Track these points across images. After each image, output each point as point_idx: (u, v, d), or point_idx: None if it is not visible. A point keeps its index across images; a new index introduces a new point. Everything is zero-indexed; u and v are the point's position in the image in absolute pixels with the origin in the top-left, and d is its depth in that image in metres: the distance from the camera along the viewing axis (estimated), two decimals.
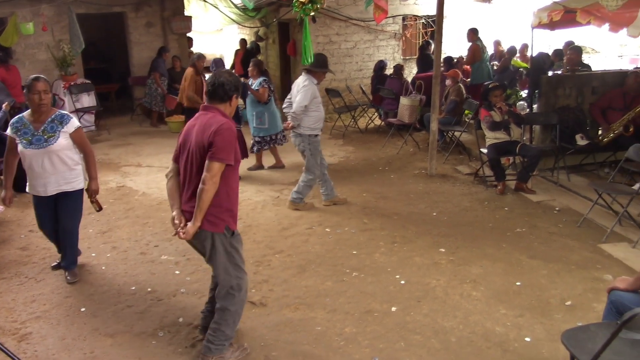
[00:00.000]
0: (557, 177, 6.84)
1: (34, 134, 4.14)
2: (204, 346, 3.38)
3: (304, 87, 5.78)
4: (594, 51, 15.37)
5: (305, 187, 6.05)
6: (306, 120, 5.81)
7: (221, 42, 18.17)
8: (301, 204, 6.10)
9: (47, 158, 4.17)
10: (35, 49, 10.25)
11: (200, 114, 3.24)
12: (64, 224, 4.41)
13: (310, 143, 5.89)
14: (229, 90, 3.20)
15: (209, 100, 3.24)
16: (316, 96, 5.85)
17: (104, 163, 8.24)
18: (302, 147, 5.94)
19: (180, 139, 3.30)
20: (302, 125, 5.83)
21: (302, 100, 5.73)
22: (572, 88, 7.27)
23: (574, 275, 4.44)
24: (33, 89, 4.05)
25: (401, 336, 3.66)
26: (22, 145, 4.14)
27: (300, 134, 5.89)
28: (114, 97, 12.84)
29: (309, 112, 5.80)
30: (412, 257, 4.83)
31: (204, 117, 3.18)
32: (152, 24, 11.51)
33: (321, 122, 5.98)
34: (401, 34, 12.34)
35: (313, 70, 5.90)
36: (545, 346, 3.50)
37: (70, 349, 3.58)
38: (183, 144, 3.24)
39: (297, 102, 5.76)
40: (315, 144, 5.93)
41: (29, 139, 4.13)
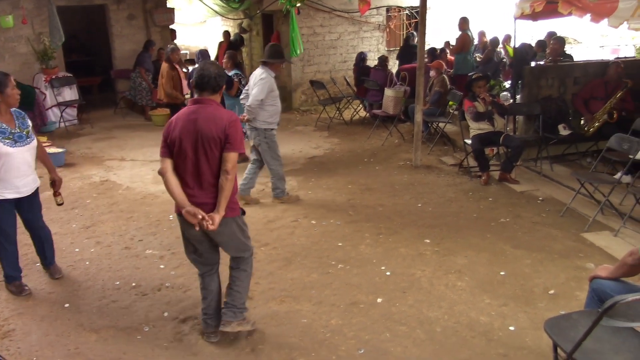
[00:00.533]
0: (540, 167, 6.90)
1: (13, 132, 3.91)
2: (226, 314, 3.49)
3: (261, 80, 5.62)
4: (576, 42, 15.50)
5: (278, 180, 5.99)
6: (262, 114, 5.68)
7: (205, 35, 18.00)
8: (285, 196, 6.06)
9: (29, 155, 4.03)
10: (15, 42, 10.07)
11: (196, 106, 3.22)
12: (38, 220, 4.31)
13: (267, 137, 5.79)
14: (220, 81, 3.25)
15: (201, 92, 3.23)
16: (273, 89, 5.71)
17: (87, 157, 8.16)
18: (257, 141, 5.82)
19: (174, 133, 3.20)
20: (257, 119, 5.70)
21: (258, 94, 5.58)
22: (554, 78, 7.32)
23: (557, 264, 4.49)
24: (11, 84, 3.86)
25: (387, 327, 3.68)
26: (8, 145, 3.84)
27: (256, 127, 5.77)
28: (97, 91, 12.69)
29: (265, 106, 5.66)
30: (398, 249, 4.85)
31: (205, 109, 3.19)
32: (134, 16, 11.38)
33: (277, 116, 5.85)
34: (385, 25, 12.33)
35: (269, 61, 5.71)
36: (529, 335, 3.54)
37: (54, 345, 3.55)
38: (185, 138, 3.16)
39: (253, 95, 5.61)
40: (271, 137, 5.82)
41: (10, 137, 3.88)
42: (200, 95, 3.25)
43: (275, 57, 5.75)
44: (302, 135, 9.38)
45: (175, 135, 3.19)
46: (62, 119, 9.83)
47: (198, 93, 3.26)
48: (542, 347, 3.39)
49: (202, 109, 3.20)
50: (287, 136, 8.92)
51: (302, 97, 11.76)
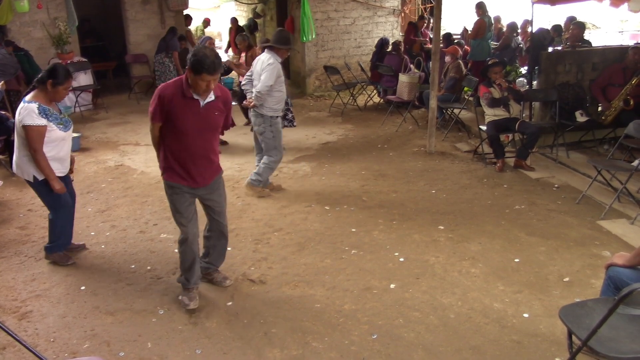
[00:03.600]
0: (556, 154, 6.82)
1: (61, 118, 4.16)
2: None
3: (269, 66, 5.45)
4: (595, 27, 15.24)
5: (266, 170, 5.77)
6: (269, 100, 5.54)
7: (218, 19, 17.96)
8: (259, 187, 5.83)
9: (69, 139, 4.33)
10: (30, 27, 10.12)
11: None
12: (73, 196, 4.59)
13: (272, 125, 5.64)
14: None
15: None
16: (280, 75, 5.57)
17: (101, 142, 8.21)
18: (262, 128, 5.66)
19: None
20: (264, 105, 5.55)
21: (267, 80, 5.43)
22: (572, 64, 7.22)
23: (572, 251, 4.45)
24: (68, 84, 4.09)
25: (400, 313, 3.68)
26: (60, 130, 4.11)
27: (262, 114, 5.61)
28: (112, 75, 12.74)
29: (272, 92, 5.53)
30: (411, 235, 4.84)
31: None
32: (148, 1, 11.36)
33: (282, 103, 5.73)
34: (400, 10, 12.20)
35: (276, 46, 5.55)
36: (543, 322, 3.53)
37: (70, 327, 3.61)
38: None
39: (262, 81, 5.44)
40: (277, 125, 5.67)
41: (61, 123, 4.14)
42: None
43: (283, 43, 5.58)
44: (315, 120, 9.36)
45: None
46: (77, 104, 9.90)
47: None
48: (557, 334, 3.37)
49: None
50: (301, 122, 8.89)
51: (316, 83, 11.71)
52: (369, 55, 11.14)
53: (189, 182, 3.62)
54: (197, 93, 3.43)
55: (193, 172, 3.60)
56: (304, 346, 3.36)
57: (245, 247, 4.68)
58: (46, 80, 3.97)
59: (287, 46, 5.62)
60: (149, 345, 3.40)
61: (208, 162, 3.66)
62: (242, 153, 7.52)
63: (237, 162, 7.05)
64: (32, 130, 3.92)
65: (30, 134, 3.93)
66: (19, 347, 3.26)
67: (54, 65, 4.07)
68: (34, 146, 3.96)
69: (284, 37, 5.65)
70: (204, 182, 3.67)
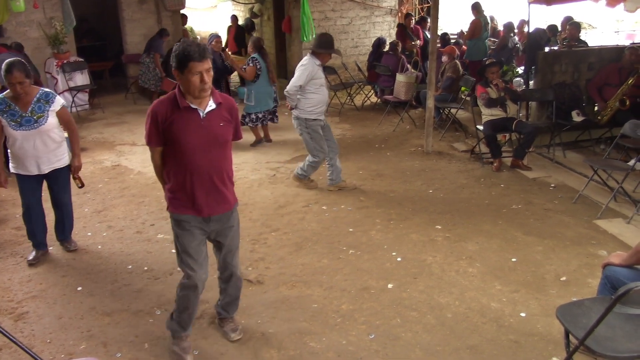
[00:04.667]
0: (553, 153, 6.83)
1: (22, 115, 4.10)
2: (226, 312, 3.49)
3: (301, 67, 5.54)
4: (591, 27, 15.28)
5: (310, 167, 5.87)
6: (303, 102, 5.56)
7: (215, 19, 17.94)
8: (304, 180, 6.00)
9: (39, 138, 4.18)
10: (26, 26, 10.08)
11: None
12: (61, 197, 4.54)
13: (308, 127, 5.64)
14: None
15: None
16: (315, 77, 5.55)
17: (98, 142, 8.19)
18: (299, 130, 5.74)
19: None
20: (299, 107, 5.60)
21: (297, 80, 5.50)
22: (568, 64, 7.23)
23: (569, 251, 4.46)
24: (9, 80, 3.97)
25: (397, 312, 3.68)
26: (12, 128, 4.09)
27: (297, 116, 5.66)
28: (108, 75, 12.70)
29: (306, 94, 5.54)
30: (409, 234, 4.84)
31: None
32: (145, 1, 11.33)
33: (322, 106, 5.67)
34: (397, 10, 12.20)
35: (316, 51, 5.60)
36: (540, 321, 3.53)
37: (67, 328, 3.60)
38: None
39: (292, 81, 5.54)
40: (314, 127, 5.64)
41: (17, 120, 4.09)
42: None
43: (323, 47, 5.58)
44: None
45: None
46: (74, 104, 9.86)
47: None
48: (554, 333, 3.38)
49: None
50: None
51: None
52: (366, 55, 11.14)
53: (195, 211, 3.04)
54: (194, 97, 2.89)
55: (199, 199, 3.01)
56: (302, 346, 3.36)
57: (242, 247, 4.63)
58: None
59: (327, 50, 5.61)
60: (146, 346, 3.39)
61: (216, 186, 3.06)
62: (239, 154, 7.51)
63: (234, 162, 7.01)
64: None
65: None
66: (15, 348, 3.24)
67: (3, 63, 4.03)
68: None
69: (324, 41, 5.64)
70: (211, 210, 3.05)
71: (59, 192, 4.51)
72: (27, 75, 4.04)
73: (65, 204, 4.59)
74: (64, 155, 4.42)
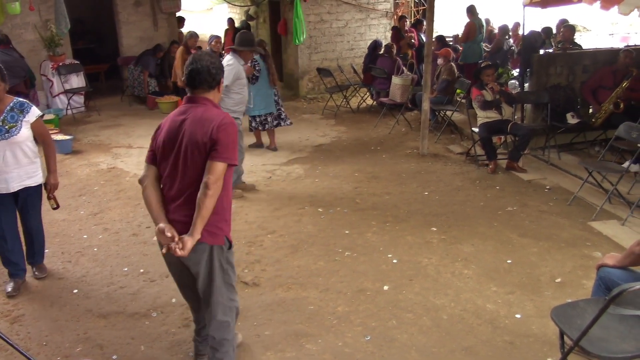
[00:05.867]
0: (548, 155, 6.87)
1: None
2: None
3: (228, 67, 5.40)
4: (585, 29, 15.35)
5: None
6: (227, 101, 5.51)
7: (211, 22, 17.94)
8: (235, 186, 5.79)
9: (9, 150, 3.79)
10: (22, 29, 10.07)
11: (186, 106, 2.76)
12: (32, 222, 4.11)
13: None
14: (215, 74, 2.75)
15: (194, 89, 2.74)
16: (240, 77, 5.58)
17: (94, 144, 8.18)
18: None
19: (161, 135, 2.74)
20: (222, 106, 5.45)
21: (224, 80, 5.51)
22: (563, 67, 7.27)
23: (564, 252, 4.48)
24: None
25: (393, 314, 3.69)
26: None
27: None
28: (104, 78, 12.68)
29: (230, 94, 5.52)
30: (404, 236, 4.86)
31: (195, 110, 2.70)
32: (140, 3, 11.34)
33: (243, 106, 5.72)
34: (393, 12, 12.24)
35: (238, 49, 5.62)
36: (535, 322, 3.55)
37: (63, 330, 3.59)
38: (167, 142, 2.70)
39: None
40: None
41: None
42: (195, 92, 2.75)
43: (245, 45, 5.68)
44: (308, 123, 9.36)
45: (160, 138, 2.75)
46: (69, 106, 9.86)
47: (191, 90, 2.76)
48: (549, 334, 3.39)
49: (193, 109, 2.71)
50: (294, 124, 8.89)
51: (309, 85, 11.72)
52: (362, 57, 11.16)
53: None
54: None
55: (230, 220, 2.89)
56: (298, 348, 3.37)
57: (238, 250, 4.67)
58: None
59: (248, 48, 5.70)
60: (142, 349, 3.39)
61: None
62: None
63: None
64: None
65: None
66: (11, 350, 3.23)
67: None
68: None
69: (245, 39, 5.75)
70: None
71: (32, 216, 4.07)
72: (2, 79, 3.70)
73: (37, 228, 4.14)
74: (37, 173, 3.99)
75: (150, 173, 2.77)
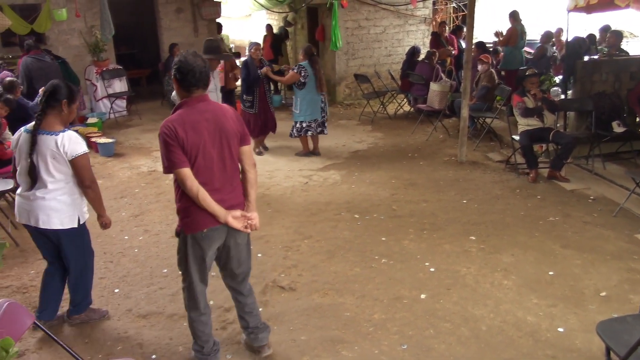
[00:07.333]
0: (592, 165, 6.66)
1: None
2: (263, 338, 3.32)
3: None
4: (632, 35, 14.89)
5: None
6: None
7: (250, 28, 18.15)
8: None
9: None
10: (68, 34, 10.42)
11: (199, 104, 2.88)
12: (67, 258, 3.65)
13: None
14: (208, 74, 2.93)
15: (196, 89, 2.87)
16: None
17: (135, 147, 8.37)
18: None
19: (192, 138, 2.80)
20: None
21: None
22: (609, 73, 7.07)
23: (609, 265, 4.34)
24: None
25: (430, 323, 3.64)
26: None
27: None
28: (145, 83, 12.98)
29: None
30: (442, 245, 4.79)
31: (210, 106, 2.91)
32: (182, 10, 11.59)
33: None
34: (431, 18, 12.14)
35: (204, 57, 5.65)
36: (579, 337, 3.44)
37: (105, 329, 3.67)
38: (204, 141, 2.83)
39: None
40: None
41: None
42: (194, 92, 2.87)
43: (210, 53, 5.69)
44: (345, 129, 9.36)
45: (198, 139, 2.82)
46: (112, 110, 10.12)
47: (191, 91, 2.87)
48: (593, 350, 3.29)
49: (211, 105, 2.92)
50: (330, 130, 8.87)
51: (346, 91, 11.72)
52: (400, 63, 11.10)
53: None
54: None
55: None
56: (334, 355, 3.35)
57: (275, 254, 4.70)
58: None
59: (214, 56, 5.73)
60: (180, 350, 3.44)
61: None
62: (271, 162, 7.58)
63: (267, 170, 7.09)
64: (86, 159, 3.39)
65: (83, 163, 3.36)
66: (55, 346, 3.33)
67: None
68: (91, 176, 3.42)
69: (209, 46, 5.80)
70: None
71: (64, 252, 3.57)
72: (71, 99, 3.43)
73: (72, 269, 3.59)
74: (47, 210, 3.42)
75: (191, 175, 2.85)
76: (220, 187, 2.94)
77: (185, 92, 2.89)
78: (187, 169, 2.83)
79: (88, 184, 3.38)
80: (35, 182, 3.30)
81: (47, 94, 3.32)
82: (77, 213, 3.43)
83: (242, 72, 7.69)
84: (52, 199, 3.32)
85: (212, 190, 2.90)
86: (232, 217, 2.92)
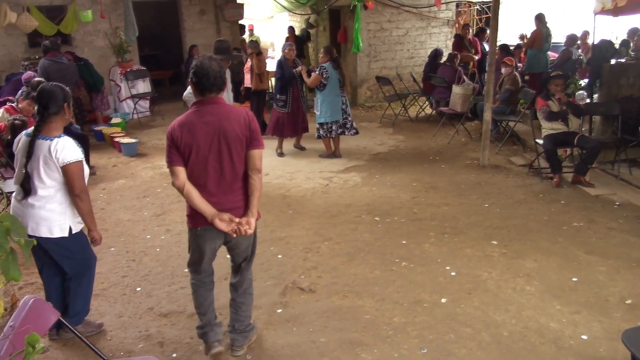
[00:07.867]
0: (617, 170, 6.54)
1: None
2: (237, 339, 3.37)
3: None
4: None
5: None
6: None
7: (272, 30, 18.24)
8: None
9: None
10: (93, 35, 10.59)
11: (208, 107, 2.97)
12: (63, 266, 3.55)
13: None
14: (223, 78, 3.02)
15: (210, 92, 2.96)
16: None
17: (158, 148, 8.46)
18: None
19: (186, 139, 2.94)
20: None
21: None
22: (636, 77, 6.94)
23: (635, 272, 4.25)
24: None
25: (451, 328, 3.61)
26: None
27: None
28: (168, 84, 13.12)
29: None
30: (463, 249, 4.75)
31: (220, 109, 2.98)
32: (205, 12, 11.69)
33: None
34: (454, 20, 12.07)
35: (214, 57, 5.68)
36: (603, 345, 3.38)
37: (126, 327, 3.72)
38: (198, 143, 2.93)
39: (188, 89, 5.33)
40: None
41: None
42: (208, 95, 2.98)
43: (220, 53, 5.75)
44: (366, 131, 9.33)
45: (191, 140, 2.93)
46: (135, 111, 10.25)
47: (205, 94, 2.97)
48: (618, 358, 3.23)
49: (219, 108, 2.98)
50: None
51: (368, 93, 11.70)
52: (422, 66, 11.06)
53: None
54: None
55: None
56: (353, 357, 3.34)
57: (295, 255, 4.71)
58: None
59: (224, 56, 5.76)
60: (201, 349, 3.46)
61: None
62: (292, 163, 7.60)
63: (288, 171, 7.11)
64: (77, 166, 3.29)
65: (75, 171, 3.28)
66: (78, 343, 3.38)
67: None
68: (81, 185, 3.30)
69: (219, 47, 5.87)
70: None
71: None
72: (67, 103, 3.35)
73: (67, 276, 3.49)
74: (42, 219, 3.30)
75: (183, 174, 3.00)
76: (215, 190, 3.01)
77: (200, 95, 3.01)
78: (179, 167, 2.99)
79: (77, 193, 3.25)
80: (27, 194, 3.24)
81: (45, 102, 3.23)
82: (68, 222, 3.32)
83: (276, 72, 7.80)
84: (40, 208, 3.24)
85: (207, 192, 3.00)
86: (219, 219, 2.96)
